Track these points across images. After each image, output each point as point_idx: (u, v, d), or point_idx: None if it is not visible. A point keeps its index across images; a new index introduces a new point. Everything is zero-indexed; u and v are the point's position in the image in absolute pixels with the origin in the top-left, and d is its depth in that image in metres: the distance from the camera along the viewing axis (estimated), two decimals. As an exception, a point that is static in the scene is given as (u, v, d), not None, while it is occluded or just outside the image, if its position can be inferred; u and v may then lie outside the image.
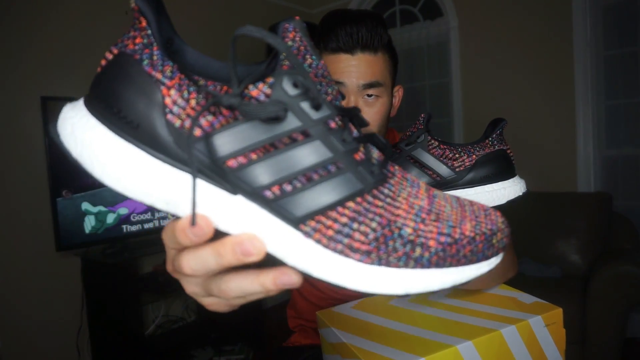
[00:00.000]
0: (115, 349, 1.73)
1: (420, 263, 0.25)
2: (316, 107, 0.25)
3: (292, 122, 0.24)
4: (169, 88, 0.24)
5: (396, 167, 0.29)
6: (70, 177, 1.66)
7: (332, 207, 0.25)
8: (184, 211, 0.25)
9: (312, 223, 0.25)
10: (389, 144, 0.29)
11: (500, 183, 0.52)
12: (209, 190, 0.25)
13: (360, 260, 0.25)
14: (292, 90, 0.24)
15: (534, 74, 2.24)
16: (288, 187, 0.24)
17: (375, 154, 0.28)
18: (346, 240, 0.25)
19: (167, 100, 0.24)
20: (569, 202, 1.97)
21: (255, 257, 0.25)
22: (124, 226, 1.80)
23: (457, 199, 0.30)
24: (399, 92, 0.80)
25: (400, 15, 2.71)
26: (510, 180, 0.53)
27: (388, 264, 0.25)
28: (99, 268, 1.74)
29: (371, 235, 0.25)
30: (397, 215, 0.26)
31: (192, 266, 0.26)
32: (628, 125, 2.07)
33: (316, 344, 0.83)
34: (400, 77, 0.69)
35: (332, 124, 0.25)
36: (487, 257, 0.27)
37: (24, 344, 1.72)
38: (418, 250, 0.25)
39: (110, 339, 1.74)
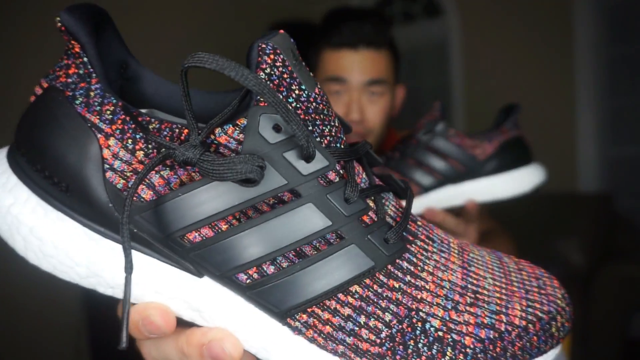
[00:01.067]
0: (115, 349, 1.71)
1: None
2: (307, 158, 0.18)
3: (274, 180, 0.18)
4: (107, 136, 0.18)
5: (418, 222, 0.22)
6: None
7: (331, 294, 0.18)
8: (136, 298, 0.19)
9: (304, 317, 0.19)
10: (408, 186, 0.22)
11: (524, 169, 0.51)
12: (166, 271, 0.19)
13: None
14: (272, 137, 0.18)
15: (535, 72, 2.24)
16: (270, 269, 0.18)
17: (391, 208, 0.21)
18: (350, 340, 0.19)
19: (106, 153, 0.18)
20: (570, 202, 1.98)
21: None
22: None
23: (500, 259, 0.23)
24: (400, 92, 0.79)
25: (400, 15, 2.71)
26: (533, 166, 0.52)
27: None
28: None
29: (384, 333, 0.19)
30: (420, 301, 0.19)
31: (153, 356, 0.21)
32: (630, 124, 2.07)
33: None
34: (400, 77, 0.69)
35: (331, 176, 0.19)
36: (543, 352, 0.20)
37: (22, 345, 1.70)
38: (449, 353, 0.19)
39: (109, 340, 1.73)
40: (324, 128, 0.19)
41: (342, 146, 0.20)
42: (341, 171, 0.19)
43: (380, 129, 0.70)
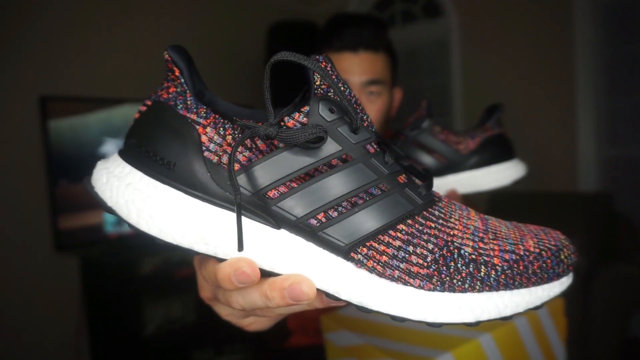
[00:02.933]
0: (115, 349, 1.72)
1: (487, 284, 0.24)
2: (355, 130, 0.24)
3: (331, 147, 0.24)
4: (204, 127, 0.24)
5: (441, 194, 0.28)
6: (68, 178, 1.65)
7: (383, 230, 0.24)
8: (225, 252, 0.24)
9: (364, 250, 0.24)
10: (429, 171, 0.27)
11: (504, 164, 0.55)
12: (251, 227, 0.24)
13: (421, 287, 0.23)
14: (329, 116, 0.24)
15: (535, 72, 2.25)
16: (334, 214, 0.24)
17: (417, 181, 0.27)
18: (403, 265, 0.23)
19: (204, 138, 0.24)
20: (570, 202, 1.98)
21: (307, 301, 0.24)
22: (124, 226, 1.80)
23: (511, 222, 0.29)
24: (398, 94, 0.84)
25: (400, 15, 2.72)
26: (513, 161, 0.56)
27: (452, 288, 0.23)
28: (98, 268, 1.73)
29: (430, 257, 0.24)
30: (454, 236, 0.25)
31: (241, 304, 0.26)
32: (630, 125, 2.08)
33: (317, 344, 0.84)
34: (401, 77, 0.71)
35: (371, 149, 0.25)
36: (558, 275, 0.26)
37: (21, 346, 1.71)
38: (483, 270, 0.24)
39: (109, 340, 1.73)
40: (362, 115, 0.25)
41: (373, 128, 0.26)
42: (377, 147, 0.25)
43: (377, 128, 0.73)
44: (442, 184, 0.55)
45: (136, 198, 0.23)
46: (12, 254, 1.68)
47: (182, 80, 0.25)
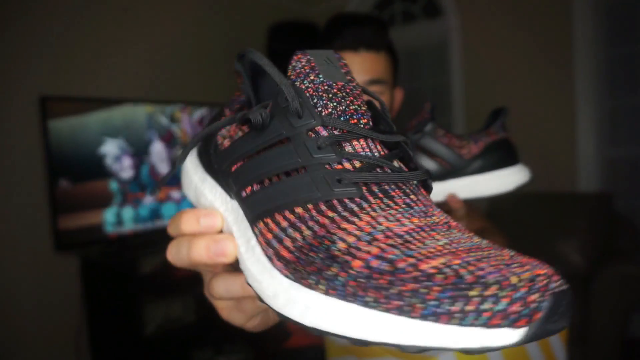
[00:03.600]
0: (115, 349, 1.72)
1: (332, 287, 0.20)
2: (297, 115, 0.25)
3: (277, 129, 0.26)
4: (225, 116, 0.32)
5: (419, 195, 0.24)
6: (68, 178, 1.65)
7: (279, 209, 0.24)
8: (211, 203, 0.31)
9: (261, 224, 0.25)
10: (418, 164, 0.27)
11: (508, 169, 0.54)
12: (220, 194, 0.30)
13: (279, 269, 0.23)
14: (283, 103, 0.26)
15: (534, 72, 2.25)
16: (256, 187, 0.26)
17: (381, 175, 0.24)
18: (277, 246, 0.23)
19: (223, 130, 0.30)
20: (570, 202, 1.98)
21: (226, 260, 0.26)
22: (124, 226, 1.79)
23: (497, 248, 0.21)
24: (399, 94, 0.83)
25: (400, 15, 2.72)
26: (517, 167, 0.54)
27: (299, 278, 0.21)
28: (99, 268, 1.73)
29: (298, 243, 0.22)
30: (342, 229, 0.21)
31: (216, 290, 0.29)
32: (630, 125, 2.09)
33: (317, 344, 0.84)
34: (400, 78, 0.71)
35: (323, 133, 0.25)
36: (449, 315, 0.17)
37: (21, 346, 1.71)
38: (335, 268, 0.20)
39: (109, 340, 1.73)
40: (328, 103, 0.26)
41: (345, 120, 0.26)
42: (335, 132, 0.25)
43: None
44: (443, 189, 0.54)
45: (191, 179, 0.33)
46: (12, 254, 1.68)
47: (242, 86, 0.32)
